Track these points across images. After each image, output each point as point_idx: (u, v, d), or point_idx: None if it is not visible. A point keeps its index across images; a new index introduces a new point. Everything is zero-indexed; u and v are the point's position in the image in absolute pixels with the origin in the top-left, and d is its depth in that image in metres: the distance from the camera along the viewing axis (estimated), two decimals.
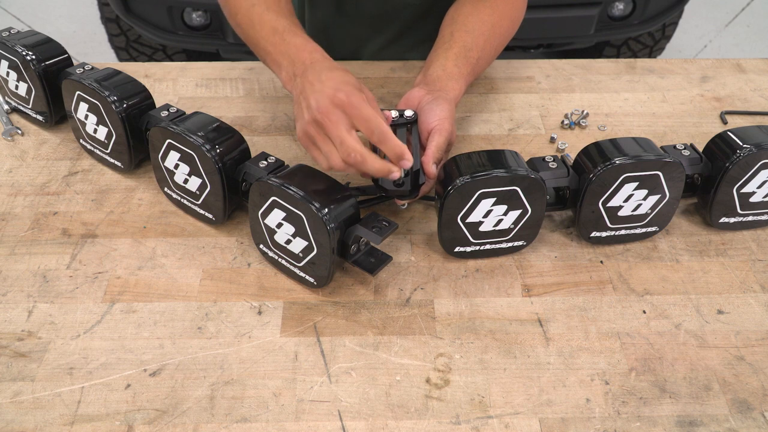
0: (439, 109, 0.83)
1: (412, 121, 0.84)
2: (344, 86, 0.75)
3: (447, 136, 0.82)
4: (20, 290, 0.76)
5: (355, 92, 0.75)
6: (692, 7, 2.98)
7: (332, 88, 0.75)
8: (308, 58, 0.82)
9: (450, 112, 0.84)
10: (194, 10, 2.02)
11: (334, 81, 0.76)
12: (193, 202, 0.83)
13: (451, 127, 0.83)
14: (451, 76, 0.90)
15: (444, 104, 0.84)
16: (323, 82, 0.76)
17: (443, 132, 0.81)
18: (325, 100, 0.74)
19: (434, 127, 0.82)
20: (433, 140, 0.81)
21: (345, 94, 0.74)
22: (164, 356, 0.70)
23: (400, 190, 0.80)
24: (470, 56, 0.92)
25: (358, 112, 0.74)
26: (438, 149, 0.80)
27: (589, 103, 1.07)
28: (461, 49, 0.92)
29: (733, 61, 1.17)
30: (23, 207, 0.87)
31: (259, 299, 0.76)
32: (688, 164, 0.81)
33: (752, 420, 0.66)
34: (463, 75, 0.91)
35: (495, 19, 0.96)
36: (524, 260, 0.81)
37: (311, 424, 0.65)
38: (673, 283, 0.79)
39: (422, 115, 0.84)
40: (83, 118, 0.90)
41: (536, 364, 0.70)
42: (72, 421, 0.64)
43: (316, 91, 0.76)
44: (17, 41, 0.93)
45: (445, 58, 0.91)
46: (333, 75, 0.77)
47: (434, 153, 0.80)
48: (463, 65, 0.91)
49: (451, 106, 0.85)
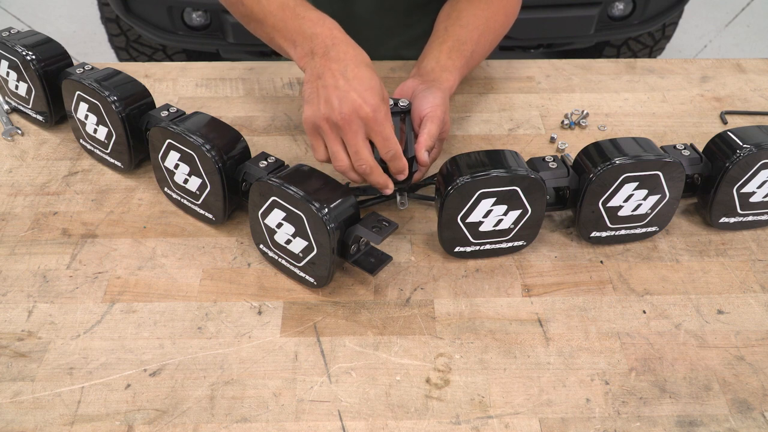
0: (432, 97, 0.84)
1: (405, 111, 0.84)
2: (371, 96, 0.73)
3: (439, 124, 0.82)
4: (20, 290, 0.76)
5: (381, 106, 0.74)
6: (692, 7, 2.98)
7: (359, 95, 0.73)
8: (328, 35, 0.78)
9: (443, 100, 0.84)
10: (194, 10, 2.02)
11: (361, 84, 0.74)
12: (193, 202, 0.83)
13: (443, 114, 0.83)
14: (444, 68, 0.90)
15: (437, 92, 0.85)
16: (349, 82, 0.74)
17: (435, 119, 0.82)
18: (349, 106, 0.73)
19: (426, 114, 0.82)
20: (425, 127, 0.81)
21: (371, 108, 0.73)
22: (164, 356, 0.70)
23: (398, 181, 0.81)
24: (464, 49, 0.93)
25: (381, 129, 0.74)
26: (430, 136, 0.81)
27: (589, 103, 1.07)
28: (455, 43, 0.92)
29: (733, 61, 1.17)
30: (23, 207, 0.87)
31: (259, 299, 0.76)
32: (688, 164, 0.81)
33: (752, 420, 0.66)
34: (457, 67, 0.91)
35: (489, 13, 0.97)
36: (524, 260, 0.81)
37: (311, 424, 0.65)
38: (673, 283, 0.79)
39: (415, 102, 0.85)
40: (83, 118, 0.90)
41: (536, 364, 0.70)
42: (72, 421, 0.64)
43: (340, 89, 0.74)
44: (17, 41, 0.93)
45: (439, 51, 0.92)
46: (359, 73, 0.74)
47: (426, 140, 0.81)
48: (457, 58, 0.92)
49: (444, 95, 0.86)
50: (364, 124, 0.74)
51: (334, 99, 0.74)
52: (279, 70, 1.12)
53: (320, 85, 0.75)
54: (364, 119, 0.74)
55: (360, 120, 0.74)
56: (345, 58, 0.76)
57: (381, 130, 0.74)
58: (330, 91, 0.74)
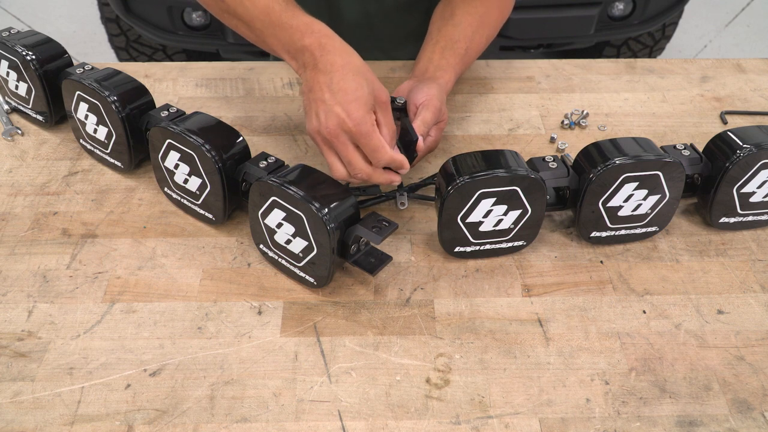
0: (427, 88, 0.86)
1: (401, 108, 0.86)
2: (355, 109, 0.73)
3: (434, 112, 0.84)
4: (20, 290, 0.76)
5: (365, 118, 0.74)
6: (692, 7, 2.98)
7: (342, 108, 0.73)
8: (316, 45, 0.76)
9: (438, 91, 0.86)
10: (194, 10, 2.02)
11: (346, 97, 0.73)
12: (193, 202, 0.83)
13: (439, 103, 0.85)
14: (438, 67, 0.92)
15: (432, 85, 0.87)
16: (335, 95, 0.74)
17: (430, 107, 0.84)
18: (333, 120, 0.74)
19: (422, 103, 0.84)
20: (420, 115, 0.83)
21: (354, 122, 0.73)
22: (164, 356, 0.70)
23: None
24: (457, 47, 0.94)
25: (367, 141, 0.74)
26: (424, 123, 0.83)
27: (589, 103, 1.07)
28: (448, 42, 0.94)
29: (733, 61, 1.17)
30: (23, 207, 0.87)
31: (259, 299, 0.76)
32: (688, 164, 0.81)
33: (752, 420, 0.66)
34: (451, 65, 0.93)
35: (483, 9, 0.97)
36: (524, 260, 0.81)
37: (311, 424, 0.65)
38: (673, 283, 0.79)
39: (411, 96, 0.87)
40: (83, 118, 0.90)
41: (536, 364, 0.70)
42: (72, 421, 0.64)
43: (326, 103, 0.74)
44: (17, 41, 0.93)
45: (432, 51, 0.94)
46: (344, 85, 0.74)
47: (420, 127, 0.83)
48: (450, 56, 0.93)
49: (440, 88, 0.88)
50: (350, 138, 0.75)
51: (321, 113, 0.75)
52: (279, 70, 1.12)
53: (311, 98, 0.77)
54: (348, 133, 0.74)
55: (345, 134, 0.75)
56: (332, 69, 0.75)
57: (367, 143, 0.74)
58: (318, 105, 0.75)
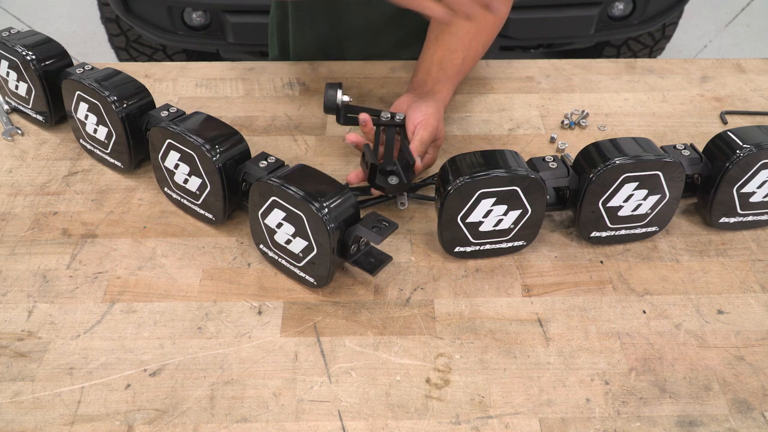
0: (425, 106, 0.87)
1: (401, 124, 0.87)
2: None
3: (431, 131, 0.85)
4: (20, 290, 0.76)
5: None
6: (692, 7, 2.98)
7: None
8: None
9: (435, 109, 0.87)
10: (194, 10, 2.03)
11: None
12: (193, 202, 0.83)
13: (436, 122, 0.86)
14: (436, 80, 0.93)
15: (430, 102, 0.88)
16: None
17: (428, 126, 0.85)
18: None
19: (419, 122, 0.86)
20: (417, 134, 0.85)
21: None
22: (164, 356, 0.70)
23: (394, 187, 0.80)
24: (454, 57, 0.95)
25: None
26: (421, 143, 0.84)
27: (589, 103, 1.07)
28: (445, 52, 0.95)
29: (733, 61, 1.17)
30: (23, 207, 0.87)
31: (259, 299, 0.76)
32: (688, 164, 0.81)
33: (752, 420, 0.66)
34: (449, 77, 0.94)
35: None
36: (524, 260, 0.81)
37: (311, 424, 0.65)
38: (673, 283, 0.79)
39: (409, 113, 0.88)
40: (83, 118, 0.89)
41: (536, 364, 0.70)
42: (72, 421, 0.64)
43: None
44: (17, 41, 0.93)
45: (430, 63, 0.95)
46: None
47: (417, 147, 0.84)
48: (449, 68, 0.94)
49: (438, 105, 0.89)
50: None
51: None
52: (279, 70, 1.12)
53: None
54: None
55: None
56: None
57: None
58: None
